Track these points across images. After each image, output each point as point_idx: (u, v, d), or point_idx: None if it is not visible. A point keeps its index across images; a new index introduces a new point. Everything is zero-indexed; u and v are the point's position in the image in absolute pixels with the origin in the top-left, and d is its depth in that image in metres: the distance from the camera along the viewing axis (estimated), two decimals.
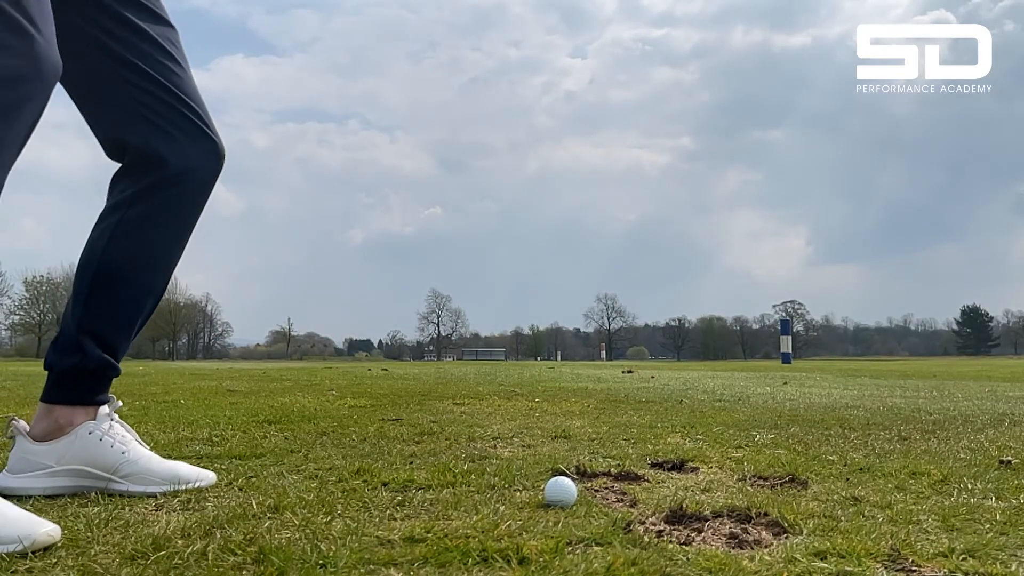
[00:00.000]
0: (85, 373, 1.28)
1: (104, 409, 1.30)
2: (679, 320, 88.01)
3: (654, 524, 1.04)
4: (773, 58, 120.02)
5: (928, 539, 0.97)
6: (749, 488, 1.32)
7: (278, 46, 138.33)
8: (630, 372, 8.15)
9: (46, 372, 1.28)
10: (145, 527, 1.00)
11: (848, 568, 0.84)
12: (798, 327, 77.99)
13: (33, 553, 0.87)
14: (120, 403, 1.34)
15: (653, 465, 1.57)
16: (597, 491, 1.29)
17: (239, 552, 0.87)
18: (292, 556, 0.85)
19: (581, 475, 1.43)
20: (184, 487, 1.27)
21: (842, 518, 1.08)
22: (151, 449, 1.33)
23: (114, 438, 1.27)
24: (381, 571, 0.82)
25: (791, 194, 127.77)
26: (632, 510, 1.13)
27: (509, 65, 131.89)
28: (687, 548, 0.92)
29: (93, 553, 0.88)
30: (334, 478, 1.38)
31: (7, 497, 1.14)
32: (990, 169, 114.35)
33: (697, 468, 1.54)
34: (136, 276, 1.31)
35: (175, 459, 1.37)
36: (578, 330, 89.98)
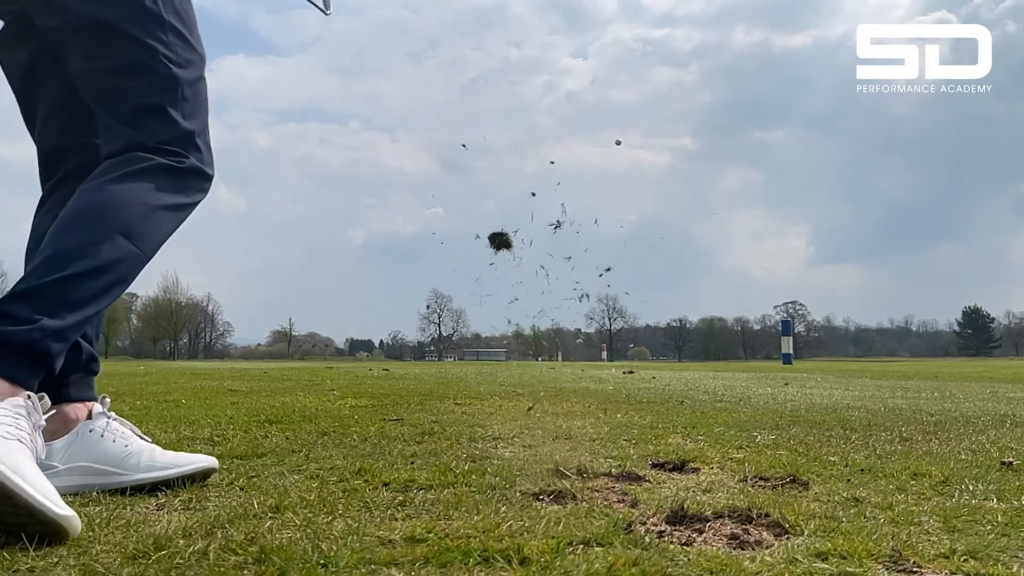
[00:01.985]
0: (80, 368, 1.30)
1: (98, 407, 1.31)
2: (680, 321, 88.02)
3: (655, 525, 1.04)
4: (774, 58, 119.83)
5: (929, 540, 0.97)
6: (750, 489, 1.32)
7: (280, 46, 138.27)
8: (631, 372, 8.15)
9: None
10: (146, 526, 1.00)
11: (849, 569, 0.84)
12: (799, 328, 77.97)
13: (35, 551, 0.87)
14: (110, 400, 1.36)
15: (654, 466, 1.57)
16: (598, 491, 1.29)
17: (240, 552, 0.87)
18: (293, 556, 0.85)
19: (582, 475, 1.43)
20: (190, 467, 1.29)
21: (843, 519, 1.08)
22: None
23: (115, 433, 1.28)
24: (382, 571, 0.82)
25: (792, 194, 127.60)
26: (633, 510, 1.13)
27: (510, 65, 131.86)
28: (688, 549, 0.92)
29: (95, 552, 0.88)
30: (335, 478, 1.38)
31: None
32: (991, 169, 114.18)
33: (698, 469, 1.54)
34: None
35: None
36: (579, 330, 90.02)
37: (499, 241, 1.47)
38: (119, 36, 1.25)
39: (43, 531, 0.92)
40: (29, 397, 1.06)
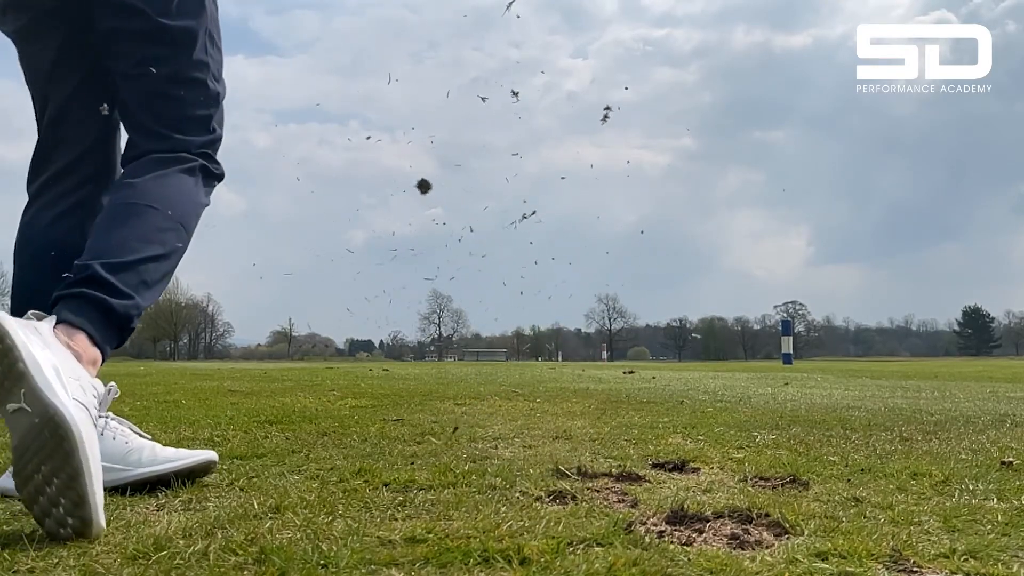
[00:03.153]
0: None
1: None
2: (680, 321, 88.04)
3: (655, 525, 1.04)
4: (774, 58, 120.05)
5: (929, 540, 0.97)
6: (750, 489, 1.32)
7: (279, 46, 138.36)
8: (631, 373, 8.15)
9: None
10: (146, 527, 1.00)
11: (849, 569, 0.83)
12: (799, 328, 78.00)
13: (35, 552, 0.87)
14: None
15: (654, 466, 1.57)
16: (598, 491, 1.29)
17: (240, 552, 0.87)
18: (293, 556, 0.85)
19: (582, 475, 1.43)
20: (191, 460, 1.31)
21: (843, 519, 1.08)
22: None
23: (114, 431, 1.28)
24: (382, 571, 0.82)
25: (792, 194, 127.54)
26: (633, 511, 1.13)
27: (510, 65, 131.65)
28: (688, 549, 0.92)
29: (95, 553, 0.88)
30: (335, 478, 1.38)
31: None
32: (991, 169, 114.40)
33: (698, 469, 1.54)
34: None
35: None
36: (579, 330, 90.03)
37: (422, 185, 1.86)
38: (183, 49, 1.33)
39: (69, 525, 0.92)
40: (110, 390, 1.10)
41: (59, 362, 1.00)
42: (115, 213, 1.23)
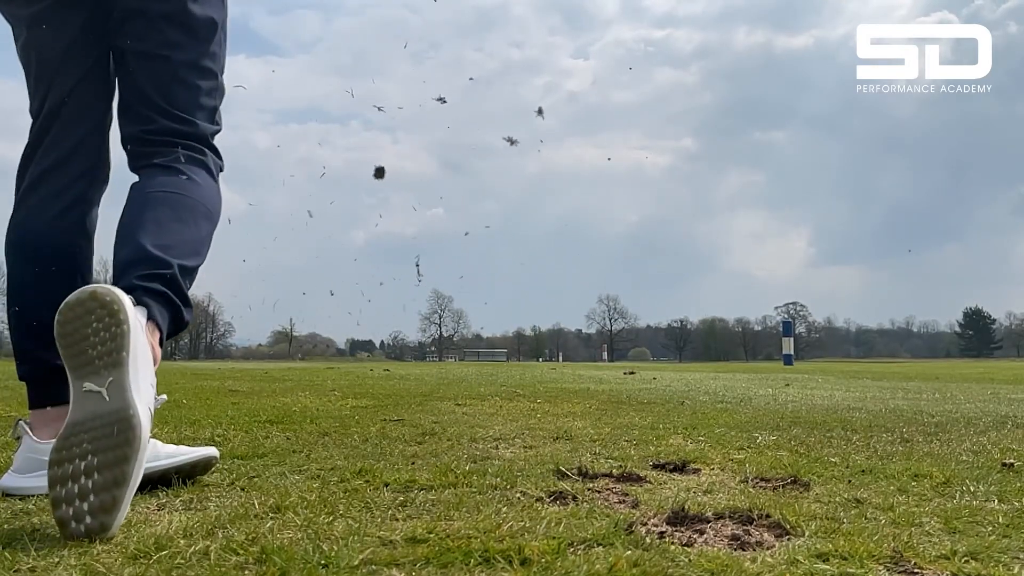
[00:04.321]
0: None
1: None
2: (681, 321, 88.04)
3: (656, 525, 1.04)
4: (775, 59, 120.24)
5: (930, 541, 0.96)
6: (751, 490, 1.32)
7: (280, 46, 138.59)
8: (632, 373, 8.14)
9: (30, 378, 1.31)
10: (147, 527, 1.00)
11: (850, 570, 0.83)
12: (800, 329, 78.01)
13: (36, 551, 0.87)
14: None
15: (655, 466, 1.57)
16: (599, 492, 1.29)
17: (241, 552, 0.87)
18: (294, 556, 0.85)
19: (583, 476, 1.43)
20: (191, 456, 1.31)
21: (844, 520, 1.08)
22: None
23: None
24: (383, 571, 0.82)
25: (793, 195, 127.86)
26: (634, 511, 1.13)
27: (511, 66, 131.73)
28: (689, 549, 0.92)
29: (96, 552, 0.88)
30: (336, 478, 1.38)
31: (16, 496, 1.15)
32: (991, 170, 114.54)
33: (699, 469, 1.54)
34: None
35: None
36: (580, 331, 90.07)
37: (378, 172, 2.12)
38: (203, 39, 1.36)
39: (86, 523, 0.92)
40: (161, 400, 1.11)
41: (147, 364, 1.01)
42: (186, 208, 1.25)
